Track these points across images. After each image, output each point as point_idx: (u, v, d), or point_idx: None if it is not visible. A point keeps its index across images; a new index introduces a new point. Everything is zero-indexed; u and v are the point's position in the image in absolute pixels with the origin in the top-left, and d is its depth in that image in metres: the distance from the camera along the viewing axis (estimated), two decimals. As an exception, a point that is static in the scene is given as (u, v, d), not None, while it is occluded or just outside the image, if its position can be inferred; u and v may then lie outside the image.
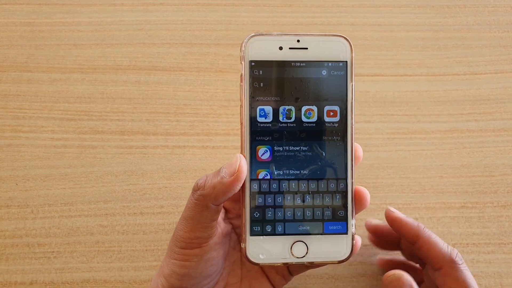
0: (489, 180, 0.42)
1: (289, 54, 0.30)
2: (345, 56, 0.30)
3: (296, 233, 0.29)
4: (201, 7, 0.47)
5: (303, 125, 0.30)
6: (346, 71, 0.30)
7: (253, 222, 0.29)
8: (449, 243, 0.40)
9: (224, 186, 0.27)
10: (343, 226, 0.30)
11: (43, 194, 0.41)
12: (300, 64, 0.30)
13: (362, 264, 0.39)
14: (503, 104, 0.45)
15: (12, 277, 0.39)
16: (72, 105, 0.44)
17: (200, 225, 0.29)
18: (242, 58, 0.29)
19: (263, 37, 0.29)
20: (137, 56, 0.45)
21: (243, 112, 0.29)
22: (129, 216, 0.40)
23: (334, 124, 0.30)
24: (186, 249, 0.29)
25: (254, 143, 0.29)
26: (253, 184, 0.29)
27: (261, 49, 0.29)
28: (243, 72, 0.29)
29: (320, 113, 0.30)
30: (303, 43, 0.30)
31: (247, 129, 0.29)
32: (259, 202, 0.29)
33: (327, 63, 0.30)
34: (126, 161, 0.42)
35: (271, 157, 0.30)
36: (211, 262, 0.30)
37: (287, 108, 0.30)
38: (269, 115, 0.29)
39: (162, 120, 0.43)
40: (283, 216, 0.29)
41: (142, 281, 0.39)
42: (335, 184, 0.30)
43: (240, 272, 0.33)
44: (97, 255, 0.39)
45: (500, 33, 0.47)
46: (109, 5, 0.47)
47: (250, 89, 0.29)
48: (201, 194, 0.28)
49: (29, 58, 0.45)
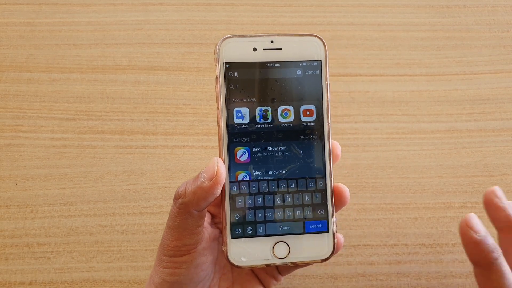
0: (488, 180, 0.42)
1: (263, 55, 0.30)
2: (319, 55, 0.30)
3: (277, 233, 0.29)
4: (201, 7, 0.47)
5: (280, 125, 0.30)
6: (320, 70, 0.30)
7: (234, 225, 0.29)
8: (448, 243, 0.40)
9: (204, 191, 0.27)
10: (324, 224, 0.30)
11: (43, 194, 0.41)
12: (275, 65, 0.30)
13: (362, 264, 0.39)
14: (503, 104, 0.45)
15: (11, 277, 0.39)
16: (72, 105, 0.44)
17: (186, 232, 0.29)
18: (217, 60, 0.29)
19: (237, 38, 0.29)
20: (136, 56, 0.45)
21: (219, 114, 0.29)
22: (128, 216, 0.40)
23: (311, 123, 0.30)
24: (175, 257, 0.29)
25: (232, 145, 0.29)
26: (233, 186, 0.29)
27: (235, 51, 0.29)
28: (218, 74, 0.29)
29: (296, 112, 0.30)
30: (277, 44, 0.30)
31: (224, 131, 0.29)
32: (239, 204, 0.29)
33: (302, 63, 0.30)
34: (125, 161, 0.42)
35: (249, 158, 0.29)
36: (200, 267, 0.30)
37: (264, 109, 0.30)
38: (246, 117, 0.29)
39: (161, 120, 0.43)
40: (263, 217, 0.29)
41: (141, 281, 0.39)
42: (314, 183, 0.30)
43: (231, 276, 0.33)
44: (96, 255, 0.39)
45: (500, 33, 0.47)
46: (108, 5, 0.47)
47: (226, 91, 0.29)
48: (182, 202, 0.28)
49: (29, 58, 0.45)
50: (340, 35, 0.47)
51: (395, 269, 0.39)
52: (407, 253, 0.40)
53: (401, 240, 0.40)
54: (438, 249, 0.40)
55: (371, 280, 0.39)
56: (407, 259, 0.40)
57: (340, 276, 0.39)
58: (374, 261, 0.40)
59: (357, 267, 0.39)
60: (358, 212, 0.41)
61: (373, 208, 0.41)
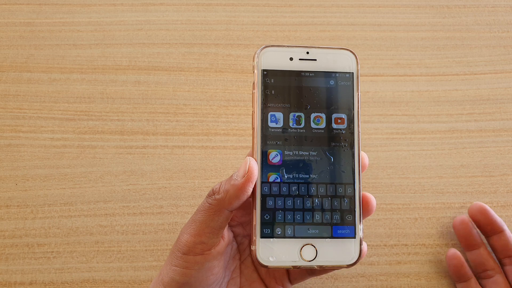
0: (488, 180, 0.42)
1: (299, 64, 0.31)
2: (351, 68, 0.31)
3: (305, 236, 0.30)
4: (201, 7, 0.47)
5: (312, 131, 0.31)
6: (352, 81, 0.31)
7: (263, 225, 0.30)
8: (448, 243, 0.40)
9: (236, 189, 0.28)
10: (351, 230, 0.30)
11: (43, 194, 0.41)
12: (310, 74, 0.31)
13: (362, 264, 0.39)
14: (503, 104, 0.45)
15: (11, 277, 0.39)
16: (72, 105, 0.44)
17: (208, 230, 0.29)
18: (255, 67, 0.31)
19: (274, 48, 0.31)
20: (136, 56, 0.45)
21: (255, 118, 0.30)
22: (128, 216, 0.40)
23: (342, 130, 0.31)
24: (189, 255, 0.29)
25: (265, 147, 0.30)
26: (264, 187, 0.30)
27: (273, 59, 0.31)
28: (256, 80, 0.31)
29: (328, 120, 0.31)
30: (312, 55, 0.31)
31: (258, 134, 0.30)
32: (269, 205, 0.30)
33: (335, 74, 0.31)
34: (125, 161, 0.42)
35: (281, 161, 0.30)
36: (211, 271, 0.30)
37: (297, 115, 0.31)
38: (279, 121, 0.31)
39: (161, 120, 0.43)
40: (292, 219, 0.30)
41: (141, 281, 0.39)
42: (343, 189, 0.30)
43: (239, 281, 0.33)
44: (96, 255, 0.39)
45: (500, 33, 0.47)
46: (108, 5, 0.47)
47: (262, 96, 0.31)
48: (215, 199, 0.29)
49: (29, 58, 0.45)
50: (340, 35, 0.47)
51: (395, 269, 0.39)
52: (407, 253, 0.40)
53: (401, 241, 0.40)
54: (438, 249, 0.40)
55: (371, 280, 0.39)
56: (407, 259, 0.40)
57: (340, 276, 0.39)
58: (374, 261, 0.40)
59: (357, 267, 0.39)
60: (358, 212, 0.41)
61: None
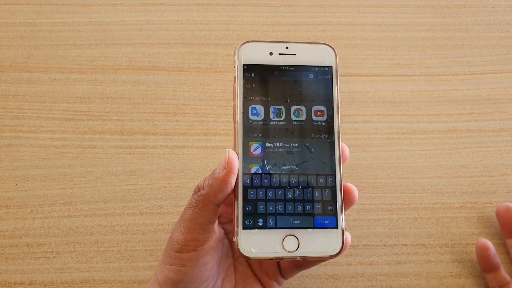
0: (488, 180, 0.42)
1: (278, 59, 0.32)
2: (331, 61, 0.32)
3: (287, 227, 0.30)
4: (201, 7, 0.47)
5: (292, 123, 0.31)
6: (331, 75, 0.32)
7: (245, 216, 0.30)
8: (448, 243, 0.40)
9: (219, 182, 0.28)
10: (333, 220, 0.30)
11: (43, 194, 0.41)
12: (289, 68, 0.32)
13: (362, 264, 0.39)
14: (503, 104, 0.45)
15: (11, 277, 0.39)
16: (72, 105, 0.44)
17: (198, 226, 0.29)
18: (235, 61, 0.31)
19: (254, 43, 0.32)
20: (136, 56, 0.45)
21: (236, 111, 0.31)
22: (128, 216, 0.40)
23: (322, 123, 0.32)
24: (182, 253, 0.29)
25: (246, 139, 0.31)
26: (245, 178, 0.30)
27: (253, 54, 0.32)
28: (236, 74, 0.31)
29: (308, 112, 0.32)
30: (292, 50, 0.32)
31: (239, 126, 0.31)
32: (251, 196, 0.30)
33: (314, 68, 0.32)
34: (125, 161, 0.42)
35: (262, 153, 0.31)
36: (205, 267, 0.30)
37: (278, 108, 0.31)
38: (260, 114, 0.31)
39: (161, 120, 0.43)
40: (274, 210, 0.30)
41: (141, 281, 0.39)
42: (324, 180, 0.31)
43: (234, 278, 0.33)
44: (96, 255, 0.39)
45: (500, 33, 0.47)
46: (108, 5, 0.47)
47: (243, 89, 0.31)
48: (201, 195, 0.29)
49: (29, 58, 0.45)
50: (340, 35, 0.47)
51: (394, 269, 0.39)
52: (406, 253, 0.40)
53: (401, 240, 0.40)
54: (438, 249, 0.40)
55: (371, 280, 0.39)
56: (407, 259, 0.40)
57: (340, 276, 0.39)
58: (374, 261, 0.40)
59: (357, 267, 0.39)
60: (358, 212, 0.41)
61: (373, 208, 0.41)
